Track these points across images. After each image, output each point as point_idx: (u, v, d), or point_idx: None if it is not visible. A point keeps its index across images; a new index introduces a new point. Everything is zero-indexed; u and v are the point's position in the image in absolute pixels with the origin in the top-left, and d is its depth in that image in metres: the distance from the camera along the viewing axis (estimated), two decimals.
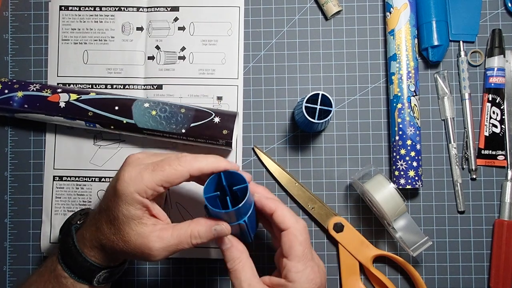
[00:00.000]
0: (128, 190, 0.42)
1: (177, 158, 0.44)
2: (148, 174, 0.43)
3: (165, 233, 0.44)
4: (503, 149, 0.58)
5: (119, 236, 0.44)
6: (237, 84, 0.59)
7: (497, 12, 0.59)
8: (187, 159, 0.44)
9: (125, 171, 0.43)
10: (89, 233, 0.46)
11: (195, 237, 0.44)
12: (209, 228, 0.44)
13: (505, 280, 0.56)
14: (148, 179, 0.42)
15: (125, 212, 0.43)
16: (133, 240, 0.43)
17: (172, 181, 0.43)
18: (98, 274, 0.46)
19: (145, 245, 0.43)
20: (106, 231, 0.44)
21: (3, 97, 0.55)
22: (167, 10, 0.60)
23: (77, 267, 0.46)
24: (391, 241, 0.58)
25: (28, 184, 0.60)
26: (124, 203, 0.43)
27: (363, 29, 0.60)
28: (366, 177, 0.56)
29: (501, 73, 0.57)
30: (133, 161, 0.45)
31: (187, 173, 0.43)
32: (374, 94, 0.59)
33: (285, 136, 0.59)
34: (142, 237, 0.43)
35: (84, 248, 0.46)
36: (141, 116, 0.54)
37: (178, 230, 0.44)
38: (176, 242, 0.43)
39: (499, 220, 0.57)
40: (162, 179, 0.43)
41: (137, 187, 0.42)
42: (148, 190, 0.43)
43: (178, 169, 0.43)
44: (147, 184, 0.42)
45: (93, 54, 0.60)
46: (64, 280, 0.46)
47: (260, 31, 0.60)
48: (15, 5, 0.61)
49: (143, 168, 0.43)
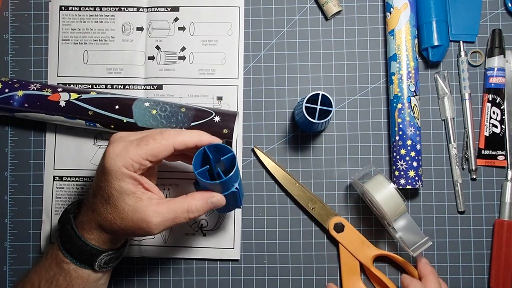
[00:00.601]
0: (116, 166, 0.43)
1: (161, 133, 0.45)
2: (133, 148, 0.44)
3: (162, 207, 0.44)
4: (503, 149, 0.58)
5: (115, 214, 0.44)
6: (237, 84, 0.59)
7: (497, 12, 0.59)
8: (170, 133, 0.45)
9: (110, 147, 0.44)
10: (86, 217, 0.47)
11: (192, 211, 0.45)
12: (205, 201, 0.45)
13: (505, 280, 0.56)
14: (133, 153, 0.43)
15: (118, 188, 0.44)
16: (130, 216, 0.44)
17: (157, 154, 0.44)
18: (99, 258, 0.46)
19: (143, 220, 0.44)
20: (102, 212, 0.45)
21: (3, 96, 0.55)
22: (167, 10, 0.60)
23: (78, 252, 0.46)
24: (391, 241, 0.58)
25: (28, 184, 0.60)
26: (114, 179, 0.44)
27: (363, 29, 0.60)
28: (366, 177, 0.56)
29: (501, 73, 0.57)
30: (117, 138, 0.46)
31: (171, 146, 0.45)
32: (374, 94, 0.59)
33: (285, 136, 0.59)
34: (139, 212, 0.44)
35: (83, 232, 0.46)
36: (142, 115, 0.54)
37: (175, 204, 0.45)
38: (173, 216, 0.45)
39: (499, 220, 0.57)
40: (147, 152, 0.44)
41: (123, 161, 0.43)
42: (134, 163, 0.43)
43: (162, 142, 0.44)
44: (132, 157, 0.43)
45: (93, 54, 0.60)
46: (66, 266, 0.47)
47: (260, 31, 0.60)
48: (15, 5, 0.61)
49: (128, 143, 0.44)
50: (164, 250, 0.58)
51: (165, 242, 0.58)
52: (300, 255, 0.58)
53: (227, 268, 0.58)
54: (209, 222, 0.58)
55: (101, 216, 0.45)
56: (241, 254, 0.58)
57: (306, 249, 0.58)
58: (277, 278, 0.58)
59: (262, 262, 0.58)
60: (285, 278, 0.58)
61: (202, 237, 0.58)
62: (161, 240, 0.58)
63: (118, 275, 0.58)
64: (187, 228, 0.58)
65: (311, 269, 0.58)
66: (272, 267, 0.58)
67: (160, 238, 0.58)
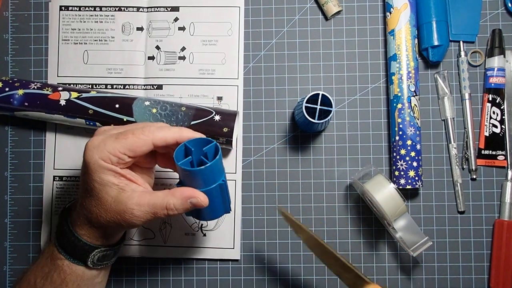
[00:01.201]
0: (93, 158, 0.43)
1: (141, 128, 0.45)
2: (111, 141, 0.43)
3: (143, 200, 0.44)
4: (503, 149, 0.58)
5: (99, 206, 0.44)
6: (237, 84, 0.59)
7: (497, 12, 0.59)
8: (150, 129, 0.44)
9: (90, 140, 0.44)
10: (77, 212, 0.47)
11: (171, 209, 0.44)
12: (184, 200, 0.44)
13: (505, 280, 0.56)
14: (110, 146, 0.43)
15: (98, 180, 0.43)
16: (113, 207, 0.44)
17: (135, 149, 0.44)
18: (91, 254, 0.46)
19: (123, 212, 0.44)
20: (88, 205, 0.45)
21: (3, 95, 0.55)
22: (167, 10, 0.60)
23: (71, 247, 0.46)
24: (391, 241, 0.58)
25: (28, 184, 0.60)
26: (93, 171, 0.43)
27: (363, 29, 0.60)
28: (366, 177, 0.56)
29: (501, 73, 0.57)
30: (98, 132, 0.46)
31: (149, 142, 0.44)
32: (374, 94, 0.59)
33: (285, 136, 0.59)
34: (121, 203, 0.44)
35: (76, 228, 0.46)
36: (142, 114, 0.54)
37: (155, 199, 0.44)
38: (153, 211, 0.44)
39: (499, 220, 0.57)
40: (124, 146, 0.43)
41: (100, 154, 0.43)
42: (111, 156, 0.43)
43: (141, 137, 0.44)
44: (109, 150, 0.43)
45: (93, 54, 0.60)
46: (60, 262, 0.47)
47: (260, 31, 0.60)
48: (15, 5, 0.61)
49: (108, 136, 0.44)
50: (164, 250, 0.58)
51: (165, 242, 0.58)
52: (300, 255, 0.58)
53: (227, 268, 0.58)
54: (209, 222, 0.58)
55: (87, 209, 0.45)
56: (241, 254, 0.58)
57: (306, 249, 0.58)
58: (277, 278, 0.58)
59: (262, 262, 0.58)
60: (285, 278, 0.58)
61: (202, 237, 0.58)
62: (161, 240, 0.58)
63: (118, 275, 0.58)
64: (187, 228, 0.58)
65: (311, 269, 0.58)
66: (272, 267, 0.58)
67: (160, 238, 0.58)
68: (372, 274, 0.58)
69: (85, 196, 0.45)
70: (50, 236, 0.59)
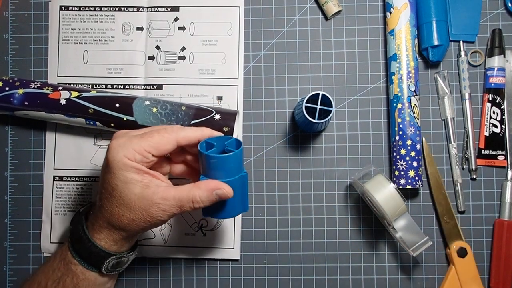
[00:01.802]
0: (118, 156, 0.43)
1: (164, 128, 0.46)
2: (137, 140, 0.44)
3: (168, 194, 0.44)
4: (503, 149, 0.58)
5: (122, 206, 0.44)
6: (237, 84, 0.59)
7: (497, 12, 0.59)
8: (174, 129, 0.46)
9: (114, 140, 0.45)
10: (95, 216, 0.47)
11: (197, 201, 0.44)
12: (210, 192, 0.44)
13: (505, 280, 0.56)
14: (136, 144, 0.44)
15: (122, 178, 0.44)
16: (138, 204, 0.44)
17: (160, 148, 0.45)
18: (107, 261, 0.46)
19: (149, 208, 0.44)
20: (108, 206, 0.45)
21: (3, 94, 0.55)
22: (167, 10, 0.60)
23: (86, 253, 0.46)
24: (391, 241, 0.58)
25: (28, 184, 0.60)
26: (117, 169, 0.44)
27: (363, 29, 0.60)
28: (366, 177, 0.56)
29: (501, 73, 0.57)
30: (120, 133, 0.46)
31: (174, 140, 0.45)
32: (374, 94, 0.59)
33: (285, 136, 0.59)
34: (146, 199, 0.44)
35: (93, 232, 0.46)
36: (142, 113, 0.54)
37: (181, 192, 0.44)
38: (179, 204, 0.44)
39: (499, 220, 0.57)
40: (150, 144, 0.44)
41: (125, 151, 0.43)
42: (136, 154, 0.44)
43: (165, 136, 0.45)
44: (135, 148, 0.44)
45: (93, 54, 0.60)
46: (74, 267, 0.47)
47: (260, 31, 0.60)
48: (15, 5, 0.61)
49: (132, 136, 0.45)
50: (164, 250, 0.58)
51: (165, 242, 0.58)
52: (300, 255, 0.58)
53: (227, 268, 0.58)
54: (209, 222, 0.58)
55: (108, 211, 0.45)
56: (241, 254, 0.58)
57: (306, 249, 0.58)
58: (277, 278, 0.58)
59: (262, 262, 0.58)
60: (285, 278, 0.58)
61: (202, 237, 0.58)
62: (161, 240, 0.58)
63: (118, 275, 0.58)
64: (187, 228, 0.58)
65: (311, 269, 0.58)
66: (272, 267, 0.58)
67: (160, 238, 0.58)
68: (372, 274, 0.58)
69: (106, 197, 0.45)
70: (50, 236, 0.59)
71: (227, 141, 0.47)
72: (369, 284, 0.58)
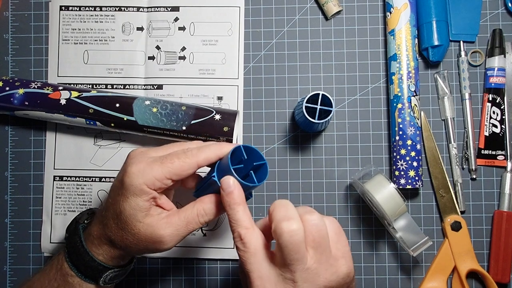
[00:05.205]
0: (137, 182, 0.43)
1: (183, 152, 0.44)
2: (157, 167, 0.43)
3: (173, 218, 0.44)
4: (503, 149, 0.58)
5: (127, 230, 0.44)
6: (237, 84, 0.59)
7: (497, 12, 0.59)
8: (193, 152, 0.44)
9: (133, 163, 0.44)
10: (96, 231, 0.46)
11: (202, 215, 0.44)
12: (214, 204, 0.44)
13: (504, 272, 0.56)
14: (157, 171, 0.43)
15: (133, 204, 0.43)
16: (143, 231, 0.44)
17: (181, 173, 0.44)
18: (104, 274, 0.46)
19: (155, 234, 0.43)
20: (113, 227, 0.45)
21: (3, 94, 0.55)
22: (167, 10, 0.60)
23: (84, 266, 0.46)
24: (391, 241, 0.58)
25: (28, 184, 0.60)
26: (132, 194, 0.43)
27: (363, 29, 0.60)
28: (366, 177, 0.56)
29: (502, 73, 0.57)
30: (137, 154, 0.45)
31: (195, 164, 0.44)
32: (374, 94, 0.59)
33: (285, 136, 0.59)
34: (151, 226, 0.44)
35: (92, 246, 0.46)
36: (142, 113, 0.54)
37: (185, 212, 0.44)
38: (185, 223, 0.44)
39: (498, 211, 0.57)
40: (171, 171, 0.43)
41: (145, 178, 0.43)
42: (156, 182, 0.43)
43: (187, 161, 0.44)
44: (156, 175, 0.43)
45: (93, 54, 0.60)
46: (71, 279, 0.46)
47: (260, 31, 0.60)
48: (15, 5, 0.61)
49: (152, 161, 0.44)
50: None
51: None
52: None
53: (227, 268, 0.58)
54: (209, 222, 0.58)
55: (112, 231, 0.45)
56: None
57: None
58: None
59: None
60: None
61: (202, 237, 0.58)
62: None
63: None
64: None
65: None
66: None
67: None
68: (372, 274, 0.58)
69: (112, 217, 0.45)
70: (50, 236, 0.59)
71: (256, 162, 0.44)
72: (369, 284, 0.58)
